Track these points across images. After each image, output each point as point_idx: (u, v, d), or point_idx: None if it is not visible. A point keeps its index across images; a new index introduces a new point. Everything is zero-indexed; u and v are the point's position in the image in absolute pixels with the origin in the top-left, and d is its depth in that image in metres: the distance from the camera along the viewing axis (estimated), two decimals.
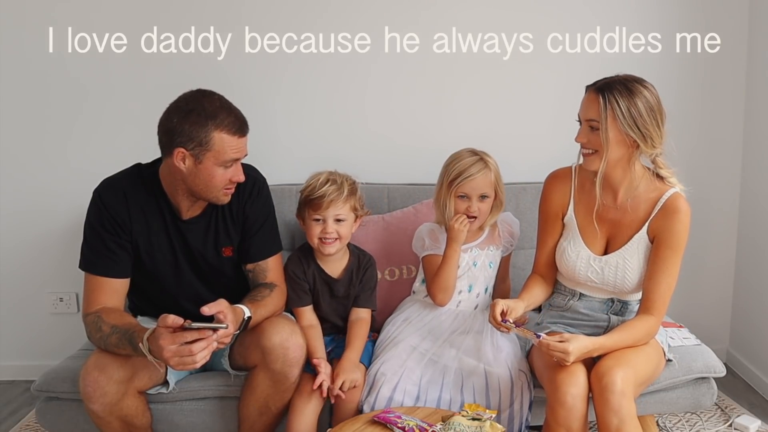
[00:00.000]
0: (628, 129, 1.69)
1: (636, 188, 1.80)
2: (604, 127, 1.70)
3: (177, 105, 1.73)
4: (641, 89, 1.70)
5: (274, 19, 2.48)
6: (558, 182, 1.93)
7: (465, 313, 2.07)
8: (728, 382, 2.51)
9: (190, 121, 1.69)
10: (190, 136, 1.69)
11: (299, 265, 2.03)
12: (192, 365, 1.55)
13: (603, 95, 1.69)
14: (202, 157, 1.72)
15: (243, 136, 1.77)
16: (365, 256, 2.11)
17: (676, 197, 1.79)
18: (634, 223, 1.82)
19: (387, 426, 1.64)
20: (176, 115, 1.71)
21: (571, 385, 1.65)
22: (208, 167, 1.73)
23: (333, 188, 1.95)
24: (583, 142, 1.76)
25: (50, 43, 2.48)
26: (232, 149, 1.73)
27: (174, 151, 1.72)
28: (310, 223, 1.98)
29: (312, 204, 1.96)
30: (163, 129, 1.74)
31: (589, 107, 1.73)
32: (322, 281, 2.04)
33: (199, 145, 1.70)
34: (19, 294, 2.67)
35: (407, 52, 2.51)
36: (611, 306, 1.90)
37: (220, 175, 1.75)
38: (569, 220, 1.90)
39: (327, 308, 2.06)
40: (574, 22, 2.51)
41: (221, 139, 1.71)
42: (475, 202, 1.99)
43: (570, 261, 1.87)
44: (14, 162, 2.58)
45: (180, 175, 1.76)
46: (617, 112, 1.68)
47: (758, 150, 2.53)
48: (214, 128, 1.70)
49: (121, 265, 1.83)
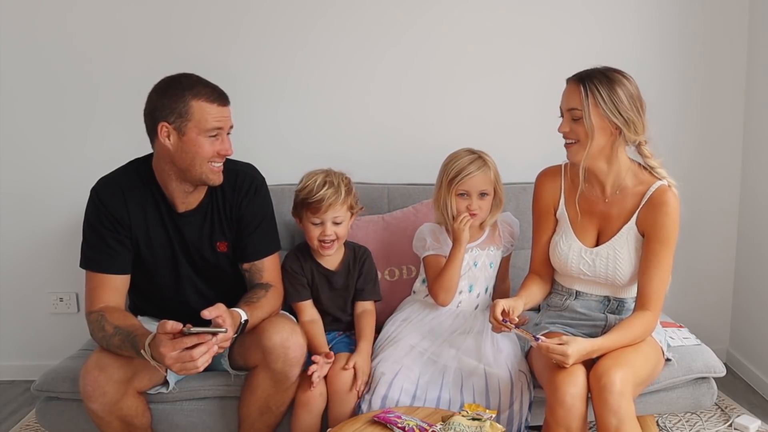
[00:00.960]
0: (610, 115, 1.72)
1: (623, 180, 1.82)
2: (587, 114, 1.72)
3: (155, 86, 1.79)
4: (621, 78, 1.74)
5: (276, 19, 2.49)
6: (548, 179, 1.95)
7: (465, 313, 2.07)
8: (728, 382, 2.51)
9: (168, 95, 1.74)
10: (170, 108, 1.73)
11: (296, 261, 2.05)
12: (194, 370, 1.56)
13: (583, 84, 1.73)
14: (185, 128, 1.74)
15: (223, 105, 1.79)
16: (360, 248, 2.13)
17: (663, 190, 1.79)
18: (623, 215, 1.84)
19: (387, 426, 1.64)
20: (155, 94, 1.77)
21: (570, 385, 1.65)
22: (191, 138, 1.75)
23: (331, 191, 1.96)
24: (566, 131, 1.78)
25: (49, 43, 2.48)
26: (213, 117, 1.76)
27: (158, 128, 1.75)
28: (308, 225, 2.00)
29: (310, 207, 1.97)
30: (146, 112, 1.79)
31: (570, 97, 1.76)
32: (320, 275, 2.06)
33: (180, 116, 1.73)
34: (19, 294, 2.67)
35: (409, 53, 2.52)
36: (608, 305, 1.91)
37: (207, 148, 1.77)
38: (561, 215, 1.92)
39: (327, 301, 2.07)
40: (574, 24, 2.51)
41: (200, 107, 1.74)
42: (476, 200, 2.00)
43: (562, 254, 1.88)
44: (13, 162, 2.58)
45: (168, 156, 1.78)
46: (598, 98, 1.71)
47: (758, 150, 2.53)
48: (191, 97, 1.74)
49: (121, 262, 1.83)
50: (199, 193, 1.88)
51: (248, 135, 2.41)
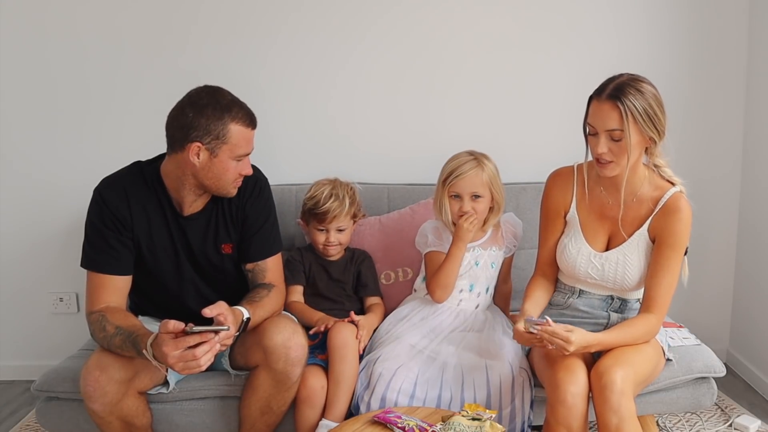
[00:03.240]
0: (648, 130, 1.70)
1: (639, 186, 1.81)
2: (627, 133, 1.68)
3: (190, 100, 1.75)
4: (646, 86, 1.71)
5: (278, 22, 2.48)
6: (561, 180, 1.93)
7: (466, 312, 2.07)
8: (728, 382, 2.51)
9: (206, 115, 1.72)
10: (207, 129, 1.72)
11: (298, 252, 2.21)
12: (197, 369, 1.56)
13: (621, 102, 1.67)
14: (218, 150, 1.74)
15: (254, 128, 1.81)
16: (360, 251, 2.25)
17: (678, 197, 1.80)
18: (636, 221, 1.83)
19: (387, 426, 1.64)
20: (191, 110, 1.73)
21: (571, 384, 1.65)
22: (223, 160, 1.76)
23: (336, 204, 2.09)
24: (605, 152, 1.72)
25: (49, 43, 2.48)
26: (245, 141, 1.78)
27: (188, 146, 1.73)
28: (313, 231, 2.15)
29: (316, 216, 2.11)
30: (176, 124, 1.75)
31: (608, 117, 1.69)
32: (318, 265, 2.18)
33: (216, 138, 1.73)
34: (19, 294, 2.67)
35: (410, 54, 2.52)
36: (611, 303, 1.91)
37: (233, 169, 1.79)
38: (571, 217, 1.90)
39: (325, 289, 2.15)
40: (572, 24, 2.51)
41: (238, 131, 1.75)
42: (468, 202, 2.00)
43: (570, 257, 1.88)
44: (14, 162, 2.58)
45: (191, 170, 1.77)
46: (637, 116, 1.67)
47: (758, 149, 2.53)
48: (230, 120, 1.73)
49: (123, 263, 1.83)
50: (206, 197, 1.88)
51: None
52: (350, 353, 1.89)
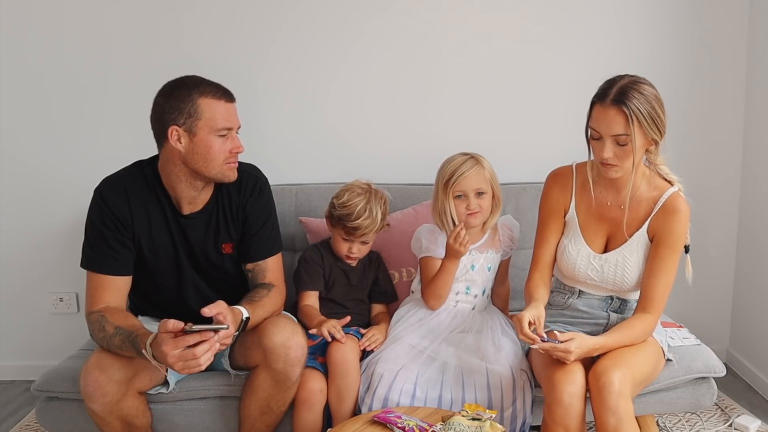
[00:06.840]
0: (651, 132, 1.70)
1: (639, 186, 1.81)
2: (633, 138, 1.68)
3: (160, 91, 1.79)
4: (647, 88, 1.70)
5: (278, 21, 2.49)
6: (560, 180, 1.93)
7: (464, 312, 2.07)
8: (728, 382, 2.51)
9: (173, 96, 1.74)
10: (178, 109, 1.73)
11: (317, 252, 2.12)
12: (197, 368, 1.56)
13: (626, 107, 1.66)
14: (195, 128, 1.74)
15: (229, 101, 1.80)
16: (373, 252, 2.20)
17: (676, 197, 1.80)
18: (635, 222, 1.83)
19: (387, 426, 1.64)
20: (161, 98, 1.77)
21: (568, 384, 1.65)
22: (203, 138, 1.75)
23: (368, 222, 2.02)
24: (610, 156, 1.72)
25: (49, 43, 2.48)
26: (221, 115, 1.76)
27: (168, 132, 1.74)
28: (338, 238, 2.08)
29: (345, 227, 2.04)
30: (153, 117, 1.79)
31: (614, 123, 1.68)
32: (338, 270, 2.12)
33: (189, 116, 1.73)
34: (19, 294, 2.67)
35: (408, 54, 2.52)
36: (610, 303, 1.91)
37: (218, 146, 1.77)
38: (570, 218, 1.90)
39: (342, 296, 2.11)
40: (570, 24, 2.51)
41: (208, 104, 1.74)
42: (473, 199, 1.99)
43: (571, 259, 1.88)
44: (14, 162, 2.58)
45: (179, 158, 1.77)
46: (642, 120, 1.67)
47: (758, 150, 2.53)
48: (198, 95, 1.74)
49: (123, 263, 1.83)
50: (206, 194, 1.88)
51: (249, 135, 2.39)
52: (352, 369, 1.88)
